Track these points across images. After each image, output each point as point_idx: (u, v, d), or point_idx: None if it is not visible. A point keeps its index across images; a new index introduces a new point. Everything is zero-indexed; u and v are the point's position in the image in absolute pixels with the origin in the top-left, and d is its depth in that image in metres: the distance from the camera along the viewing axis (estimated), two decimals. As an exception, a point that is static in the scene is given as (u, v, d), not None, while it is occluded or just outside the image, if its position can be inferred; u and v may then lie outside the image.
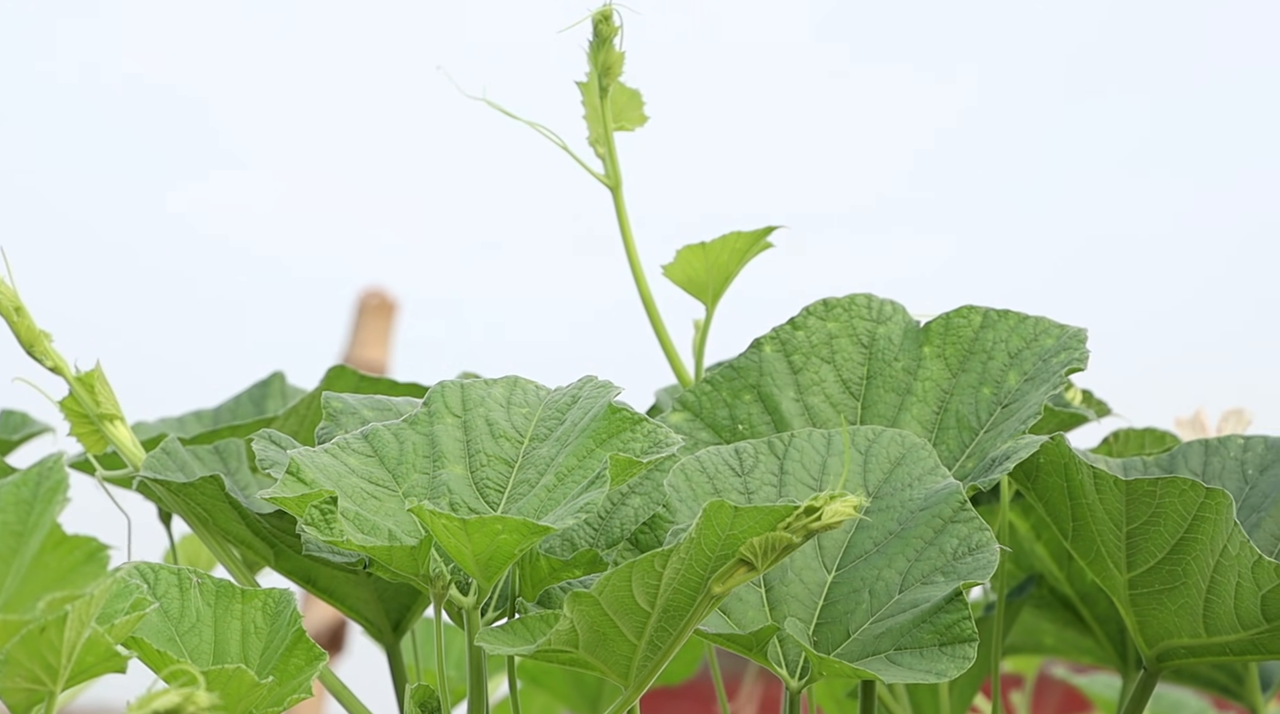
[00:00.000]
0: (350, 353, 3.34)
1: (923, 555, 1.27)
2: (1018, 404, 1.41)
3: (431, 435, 1.33)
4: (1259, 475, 1.43)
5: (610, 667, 1.20)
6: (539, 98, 1.55)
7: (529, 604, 1.31)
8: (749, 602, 1.30)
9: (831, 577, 1.30)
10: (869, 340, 1.47)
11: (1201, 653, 1.36)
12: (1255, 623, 1.32)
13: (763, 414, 1.46)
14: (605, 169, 1.54)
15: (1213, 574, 1.31)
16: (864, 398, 1.46)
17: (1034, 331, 1.44)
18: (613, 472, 1.24)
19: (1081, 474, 1.35)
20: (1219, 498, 1.29)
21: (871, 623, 1.26)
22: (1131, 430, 1.66)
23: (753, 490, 1.32)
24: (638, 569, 1.15)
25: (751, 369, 1.47)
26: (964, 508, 1.28)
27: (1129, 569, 1.35)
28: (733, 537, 1.14)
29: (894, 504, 1.31)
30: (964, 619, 1.21)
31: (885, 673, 1.21)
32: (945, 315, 1.46)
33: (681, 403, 1.47)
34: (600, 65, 1.52)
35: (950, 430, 1.43)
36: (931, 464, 1.32)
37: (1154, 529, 1.32)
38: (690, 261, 1.57)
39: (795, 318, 1.48)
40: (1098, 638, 1.79)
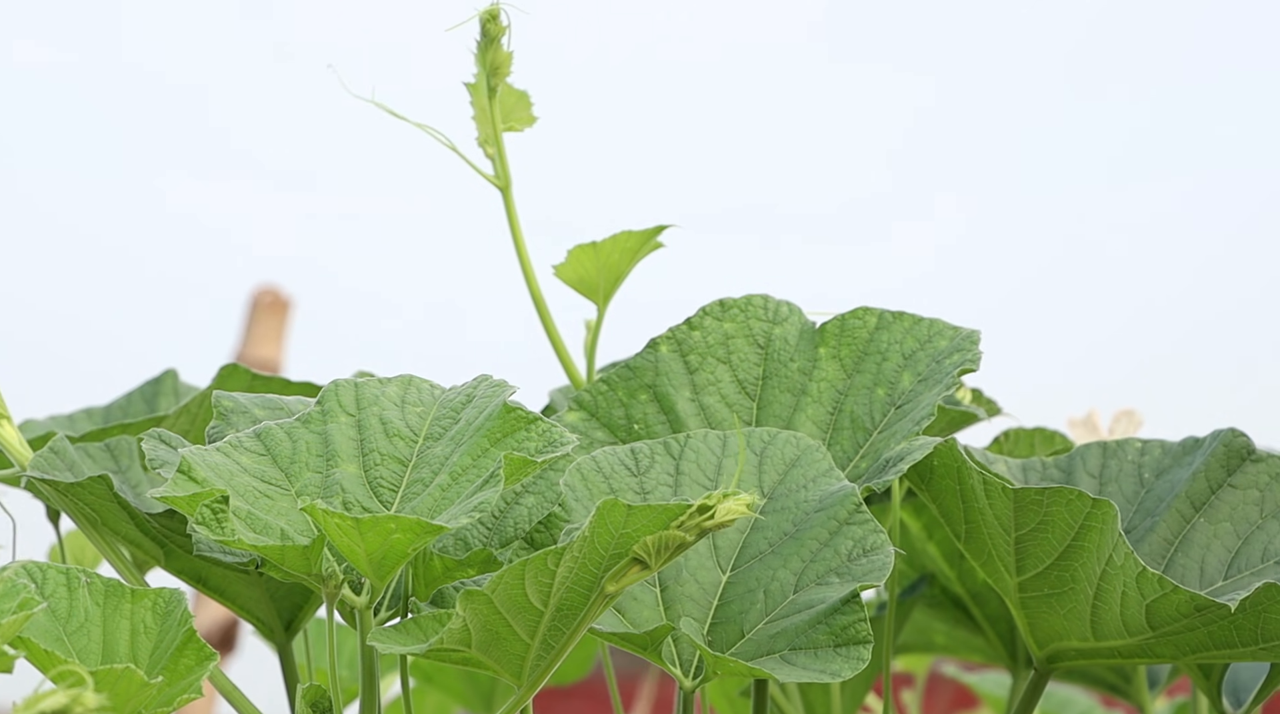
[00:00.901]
0: (243, 351, 3.31)
1: (818, 556, 1.28)
2: (911, 405, 1.42)
3: (325, 434, 1.32)
4: (1155, 479, 1.45)
5: (503, 665, 1.20)
6: (441, 97, 1.54)
7: (422, 604, 1.31)
8: (644, 601, 1.30)
9: (727, 577, 1.30)
10: (765, 341, 1.47)
11: (1091, 655, 1.37)
12: (1141, 630, 1.33)
13: (658, 414, 1.46)
14: (495, 170, 1.54)
15: (1099, 582, 1.33)
16: (760, 398, 1.46)
17: (928, 333, 1.45)
18: (507, 471, 1.24)
19: (973, 479, 1.35)
20: (1104, 509, 1.30)
21: (766, 623, 1.26)
22: (1022, 430, 1.68)
23: (648, 490, 1.33)
24: (531, 567, 1.15)
25: (647, 369, 1.47)
26: (859, 510, 1.29)
27: (1018, 573, 1.36)
28: (626, 535, 1.14)
29: (789, 505, 1.31)
30: (859, 621, 1.22)
31: (779, 673, 1.21)
32: (841, 316, 1.47)
33: (577, 402, 1.47)
34: (488, 65, 1.51)
35: (845, 431, 1.44)
36: (826, 466, 1.33)
37: (1042, 536, 1.33)
38: (581, 261, 1.57)
39: (692, 318, 1.48)
40: (989, 637, 1.80)
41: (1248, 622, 1.30)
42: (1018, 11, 4.63)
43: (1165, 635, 1.33)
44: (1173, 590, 1.29)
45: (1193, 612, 1.30)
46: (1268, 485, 1.41)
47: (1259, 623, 1.29)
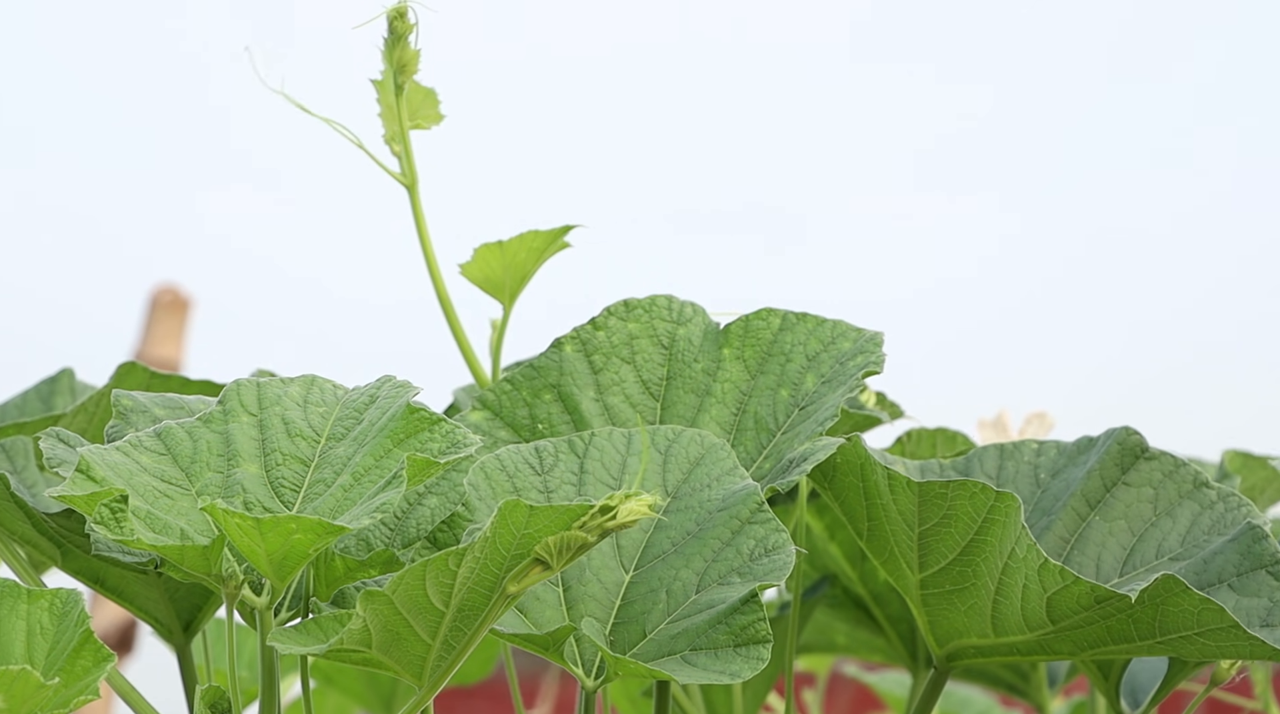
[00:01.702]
0: (142, 350, 3.29)
1: (720, 556, 1.28)
2: (815, 406, 1.43)
3: (226, 434, 1.31)
4: (1051, 479, 1.46)
5: (404, 666, 1.19)
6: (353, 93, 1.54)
7: (323, 604, 1.30)
8: (546, 601, 1.30)
9: (629, 577, 1.30)
10: (669, 341, 1.47)
11: (990, 653, 1.38)
12: (1041, 624, 1.34)
13: (563, 414, 1.46)
14: (401, 167, 1.54)
15: (1001, 576, 1.33)
16: (664, 398, 1.47)
17: (831, 335, 1.46)
18: (410, 471, 1.24)
19: (877, 475, 1.36)
20: (1008, 501, 1.31)
21: (668, 623, 1.27)
22: (924, 431, 1.69)
23: (552, 489, 1.32)
24: (432, 567, 1.14)
25: (552, 369, 1.47)
26: (761, 509, 1.29)
27: (921, 569, 1.37)
28: (528, 535, 1.14)
29: (692, 504, 1.31)
30: (759, 621, 1.22)
31: (680, 673, 1.21)
32: (744, 317, 1.47)
33: (481, 402, 1.47)
34: (395, 63, 1.51)
35: (748, 431, 1.44)
36: (730, 465, 1.33)
37: (945, 530, 1.34)
38: (488, 260, 1.57)
39: (596, 318, 1.48)
40: (889, 637, 1.81)
41: (1146, 615, 1.31)
42: (1031, 12, 4.61)
43: (1065, 630, 1.34)
44: (1074, 582, 1.30)
45: (1093, 604, 1.31)
46: (1161, 483, 1.43)
47: (1157, 616, 1.31)
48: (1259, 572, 1.36)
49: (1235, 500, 1.41)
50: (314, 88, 1.53)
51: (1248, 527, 1.38)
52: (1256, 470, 1.87)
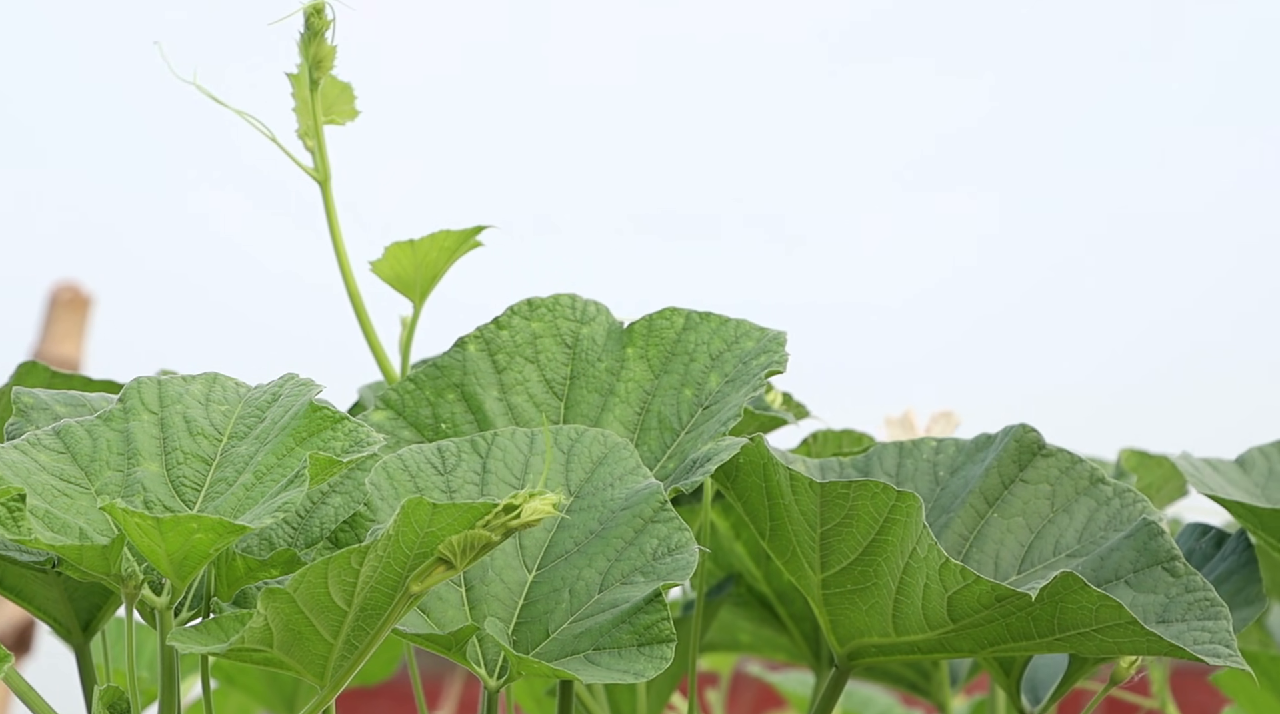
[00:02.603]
0: (41, 348, 3.26)
1: (623, 555, 1.28)
2: (719, 406, 1.43)
3: (127, 432, 1.30)
4: (950, 477, 1.47)
5: (305, 666, 1.19)
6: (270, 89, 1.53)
7: (224, 604, 1.29)
8: (449, 601, 1.29)
9: (532, 576, 1.30)
10: (573, 340, 1.47)
11: (891, 651, 1.39)
12: (942, 623, 1.35)
13: (466, 413, 1.46)
14: (315, 163, 1.53)
15: (902, 575, 1.34)
16: (567, 398, 1.47)
17: (735, 334, 1.46)
18: (312, 470, 1.23)
19: (779, 475, 1.37)
20: (909, 501, 1.32)
21: (571, 622, 1.27)
22: (830, 431, 1.70)
23: (455, 489, 1.32)
24: (334, 566, 1.14)
25: (455, 368, 1.47)
26: (664, 508, 1.29)
27: (823, 569, 1.38)
28: (431, 534, 1.14)
29: (596, 504, 1.31)
30: (662, 620, 1.22)
31: (583, 673, 1.21)
32: (648, 317, 1.47)
33: (384, 401, 1.46)
34: (311, 58, 1.51)
35: (652, 431, 1.45)
36: (633, 464, 1.33)
37: (847, 530, 1.35)
38: (399, 259, 1.56)
39: (500, 317, 1.48)
40: (793, 636, 1.82)
41: (1045, 612, 1.32)
42: (1029, 15, 4.59)
43: (965, 628, 1.35)
44: (974, 581, 1.31)
45: (993, 602, 1.32)
46: (1058, 480, 1.44)
47: (1056, 613, 1.32)
48: (1155, 568, 1.37)
49: (1131, 497, 1.43)
50: (229, 82, 1.52)
51: (1143, 523, 1.39)
52: (1153, 468, 1.89)
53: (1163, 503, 1.96)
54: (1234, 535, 1.57)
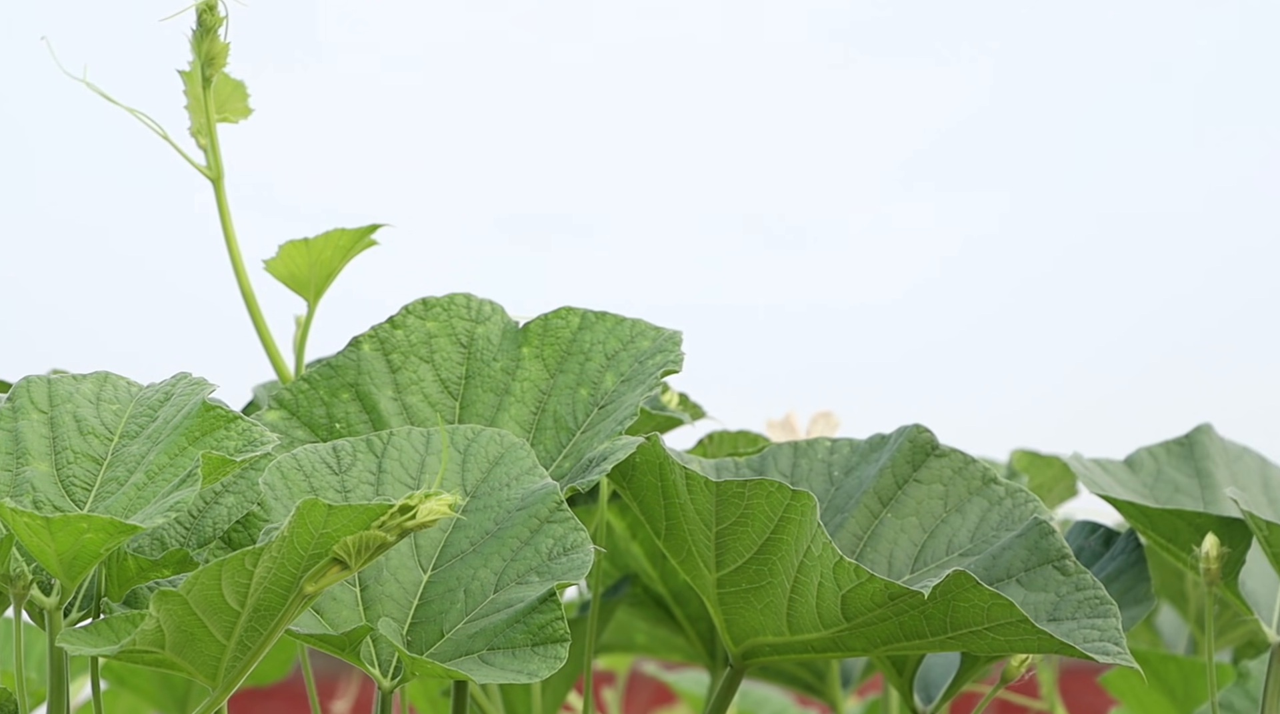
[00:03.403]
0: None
1: (518, 555, 1.28)
2: (614, 405, 1.43)
3: (15, 431, 1.29)
4: (844, 477, 1.48)
5: (198, 667, 1.18)
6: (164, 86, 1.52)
7: (115, 604, 1.28)
8: (343, 601, 1.29)
9: (427, 576, 1.30)
10: (468, 340, 1.47)
11: (785, 650, 1.40)
12: (836, 621, 1.36)
13: (360, 413, 1.45)
14: (207, 161, 1.52)
15: (797, 574, 1.35)
16: (462, 398, 1.46)
17: (630, 334, 1.46)
18: (205, 470, 1.22)
19: (675, 475, 1.37)
20: (804, 500, 1.32)
21: (466, 623, 1.26)
22: (725, 432, 1.70)
23: (350, 489, 1.32)
24: (228, 567, 1.13)
25: (350, 367, 1.46)
26: (560, 508, 1.29)
27: (718, 568, 1.38)
28: (326, 535, 1.13)
29: (491, 504, 1.31)
30: (557, 619, 1.22)
31: (477, 673, 1.21)
32: (544, 316, 1.47)
33: (278, 401, 1.45)
34: (204, 55, 1.50)
35: (548, 431, 1.45)
36: (530, 464, 1.33)
37: (742, 529, 1.35)
38: (293, 257, 1.56)
39: (395, 317, 1.48)
40: (689, 636, 1.83)
41: (938, 610, 1.33)
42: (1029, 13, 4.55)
43: (859, 627, 1.35)
44: (868, 580, 1.32)
45: (886, 601, 1.33)
46: (951, 480, 1.45)
47: (948, 611, 1.33)
48: (1046, 567, 1.39)
49: (1023, 496, 1.44)
50: (122, 79, 1.51)
51: (1035, 522, 1.41)
52: (1044, 469, 1.91)
53: (1054, 503, 1.98)
54: (1123, 535, 1.59)
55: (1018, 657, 1.44)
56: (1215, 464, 1.65)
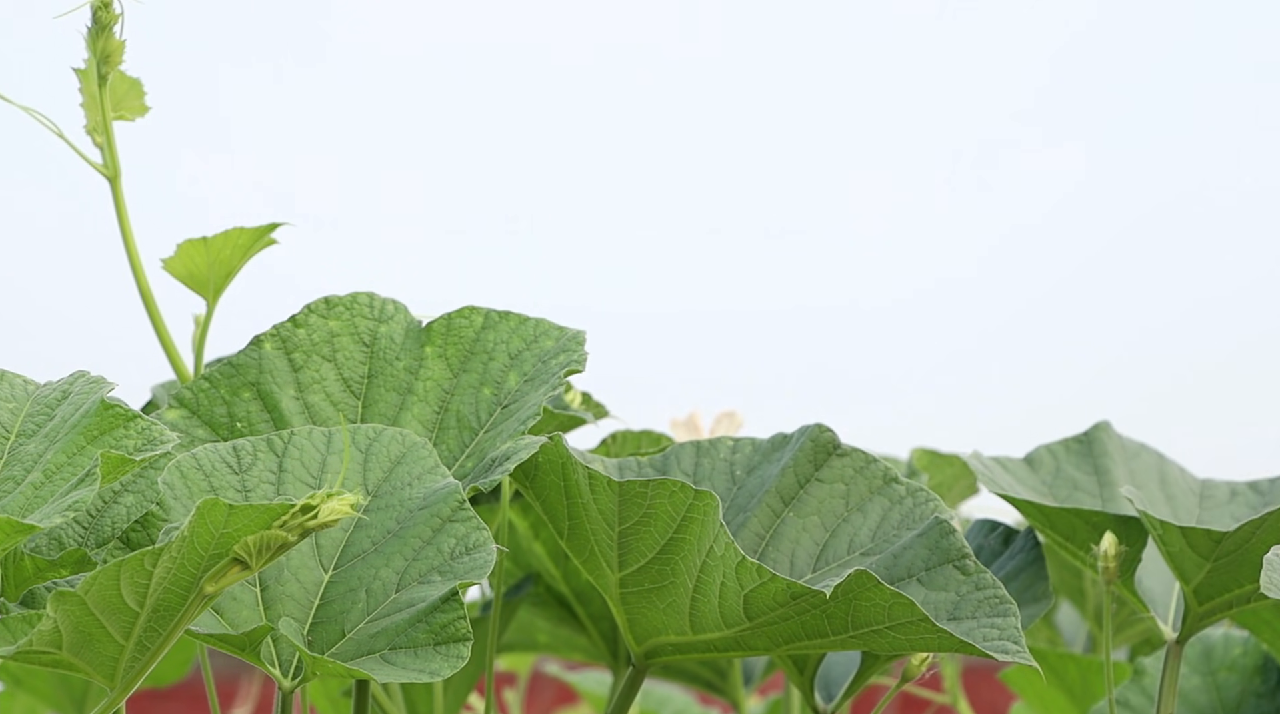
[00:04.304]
0: None
1: (420, 554, 1.28)
2: (518, 405, 1.43)
3: (-90, 430, 1.28)
4: (746, 476, 1.48)
5: (96, 668, 1.17)
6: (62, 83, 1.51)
7: (12, 605, 1.27)
8: (243, 601, 1.28)
9: (329, 576, 1.29)
10: (371, 339, 1.46)
11: (688, 650, 1.40)
12: (738, 621, 1.36)
13: (262, 412, 1.44)
14: (104, 159, 1.51)
15: (699, 573, 1.35)
16: (365, 397, 1.46)
17: (534, 333, 1.46)
18: (104, 469, 1.22)
19: (577, 474, 1.37)
20: (706, 500, 1.33)
21: (368, 622, 1.26)
22: (629, 432, 1.70)
23: (250, 488, 1.31)
24: (127, 567, 1.12)
25: (251, 366, 1.45)
26: (462, 507, 1.29)
27: (620, 568, 1.38)
28: (227, 535, 1.13)
29: (393, 503, 1.31)
30: (459, 619, 1.22)
31: (378, 672, 1.21)
32: (447, 315, 1.47)
33: (178, 400, 1.44)
34: (99, 53, 1.49)
35: (451, 430, 1.44)
36: (432, 463, 1.33)
37: (645, 529, 1.36)
38: (191, 256, 1.55)
39: (297, 315, 1.47)
40: (591, 635, 1.83)
41: (839, 609, 1.34)
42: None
43: (761, 626, 1.36)
44: (770, 579, 1.32)
45: (788, 600, 1.33)
46: (852, 479, 1.46)
47: (850, 610, 1.34)
48: (946, 566, 1.40)
49: (923, 496, 1.45)
50: (16, 77, 1.50)
51: (935, 521, 1.42)
52: (944, 467, 1.92)
53: (954, 501, 1.99)
54: (1022, 533, 1.60)
55: (918, 655, 1.45)
56: (1114, 462, 1.67)
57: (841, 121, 4.48)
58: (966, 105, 4.48)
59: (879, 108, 4.50)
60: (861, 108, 4.49)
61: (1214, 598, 1.54)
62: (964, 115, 4.47)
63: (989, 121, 4.48)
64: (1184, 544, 1.51)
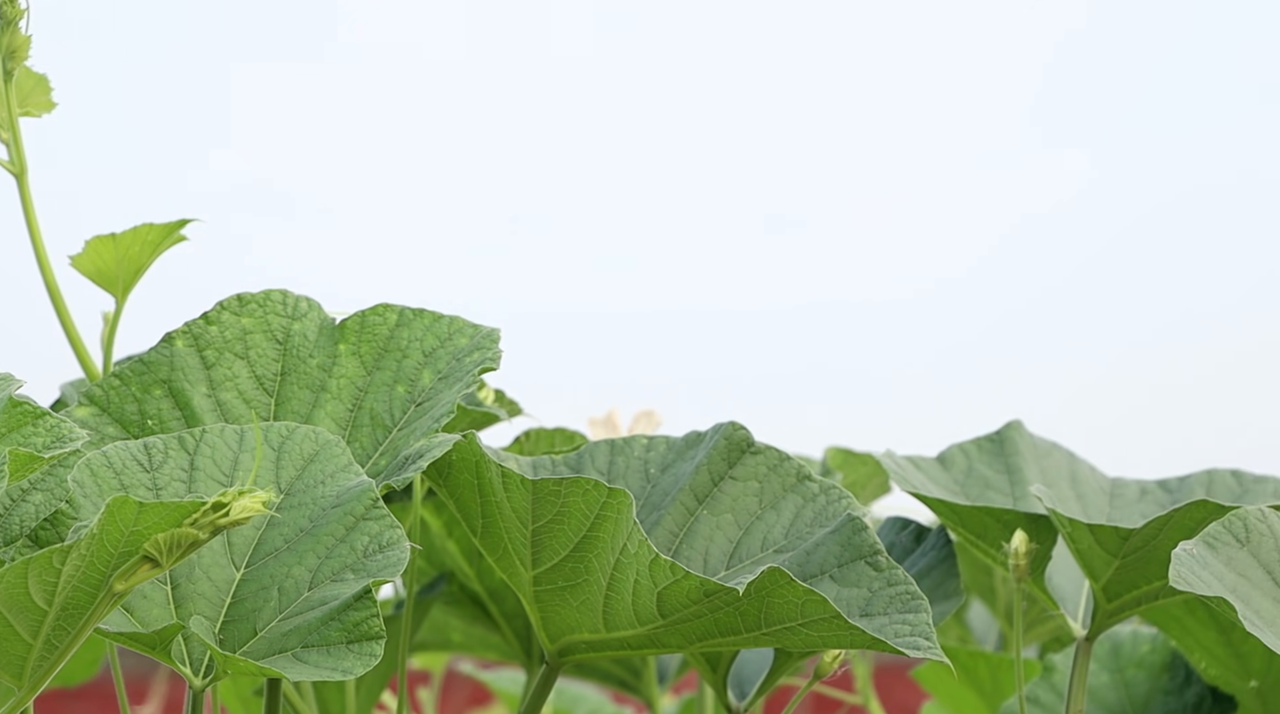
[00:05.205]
0: None
1: (334, 553, 1.27)
2: (431, 402, 1.43)
3: None
4: (660, 474, 1.49)
5: (2, 667, 1.16)
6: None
7: (-82, 604, 1.26)
8: (154, 599, 1.27)
9: (241, 574, 1.29)
10: (284, 336, 1.46)
11: (601, 647, 1.40)
12: (652, 618, 1.36)
13: (173, 410, 1.44)
14: (10, 156, 1.50)
15: (613, 571, 1.35)
16: (278, 394, 1.45)
17: (448, 331, 1.46)
18: (12, 467, 1.21)
19: (491, 472, 1.37)
20: (620, 497, 1.33)
21: (280, 620, 1.26)
22: (542, 430, 1.70)
23: (161, 486, 1.30)
24: (34, 566, 1.11)
25: (163, 364, 1.44)
26: (375, 505, 1.29)
27: (534, 566, 1.38)
28: (137, 533, 1.12)
29: (306, 501, 1.30)
30: (372, 617, 1.22)
31: (290, 671, 1.20)
32: (361, 313, 1.47)
33: (88, 397, 1.43)
34: (4, 49, 1.48)
35: (364, 428, 1.44)
36: (345, 461, 1.33)
37: (559, 527, 1.36)
38: (100, 253, 1.54)
39: (209, 312, 1.46)
40: (505, 634, 1.83)
41: (752, 607, 1.34)
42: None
43: (674, 624, 1.36)
44: (684, 577, 1.32)
45: (702, 598, 1.34)
46: (766, 477, 1.46)
47: (763, 607, 1.34)
48: (858, 562, 1.40)
49: (836, 493, 1.46)
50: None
51: (848, 519, 1.42)
52: (858, 466, 1.93)
53: (868, 500, 2.00)
54: (934, 531, 1.61)
55: (831, 652, 1.45)
56: (1025, 460, 1.68)
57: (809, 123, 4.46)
58: (967, 106, 4.47)
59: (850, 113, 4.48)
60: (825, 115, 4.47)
61: (1123, 595, 1.55)
62: (962, 116, 4.45)
63: (991, 122, 4.47)
64: (1093, 542, 1.52)
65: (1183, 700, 1.76)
